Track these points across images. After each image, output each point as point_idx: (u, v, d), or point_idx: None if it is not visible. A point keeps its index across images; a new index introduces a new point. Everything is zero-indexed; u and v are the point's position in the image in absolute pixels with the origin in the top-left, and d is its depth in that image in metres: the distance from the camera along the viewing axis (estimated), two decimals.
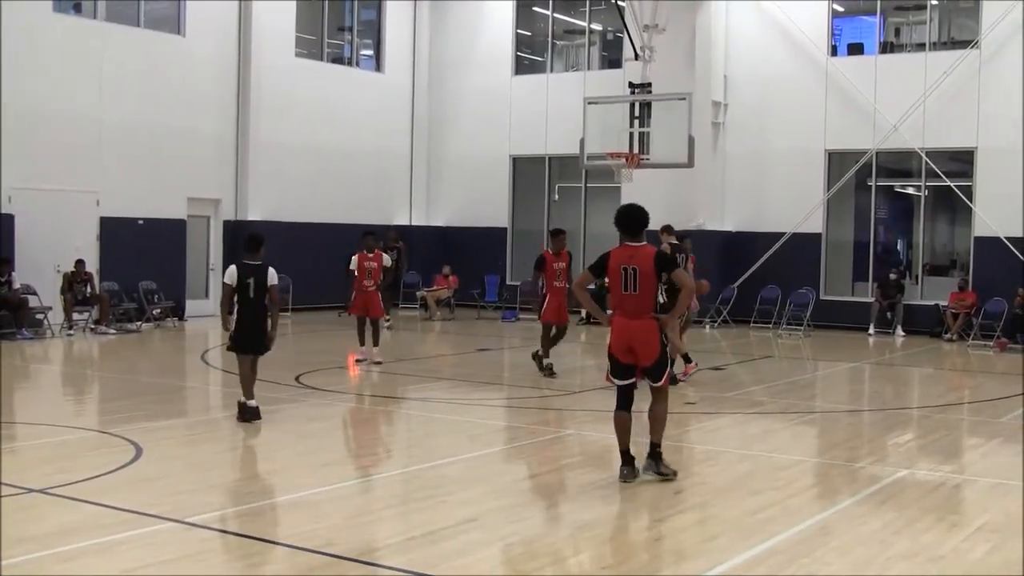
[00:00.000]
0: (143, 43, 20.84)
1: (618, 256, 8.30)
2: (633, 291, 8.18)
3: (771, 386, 14.04)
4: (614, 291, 8.33)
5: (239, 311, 10.51)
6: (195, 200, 21.85)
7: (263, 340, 10.62)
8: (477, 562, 6.21)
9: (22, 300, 17.98)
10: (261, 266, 10.50)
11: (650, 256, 8.19)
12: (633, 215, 8.39)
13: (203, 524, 6.89)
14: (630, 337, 8.20)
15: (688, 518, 7.50)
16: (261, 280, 10.44)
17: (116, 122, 20.15)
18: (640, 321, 8.19)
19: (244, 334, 10.55)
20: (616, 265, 8.26)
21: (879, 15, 22.20)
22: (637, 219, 8.38)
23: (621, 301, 8.29)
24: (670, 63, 20.90)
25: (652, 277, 8.18)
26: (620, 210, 8.54)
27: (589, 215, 25.01)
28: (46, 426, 10.29)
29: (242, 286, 10.41)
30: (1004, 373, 15.88)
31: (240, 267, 10.51)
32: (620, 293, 8.27)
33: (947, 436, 10.97)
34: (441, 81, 26.42)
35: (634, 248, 8.31)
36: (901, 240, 24.13)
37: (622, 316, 8.27)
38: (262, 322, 10.57)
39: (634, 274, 8.16)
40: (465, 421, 11.36)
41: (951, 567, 6.27)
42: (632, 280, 8.18)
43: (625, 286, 8.21)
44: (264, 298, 10.49)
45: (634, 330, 8.19)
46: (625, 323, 8.24)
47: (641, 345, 8.18)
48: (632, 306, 8.22)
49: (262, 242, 10.70)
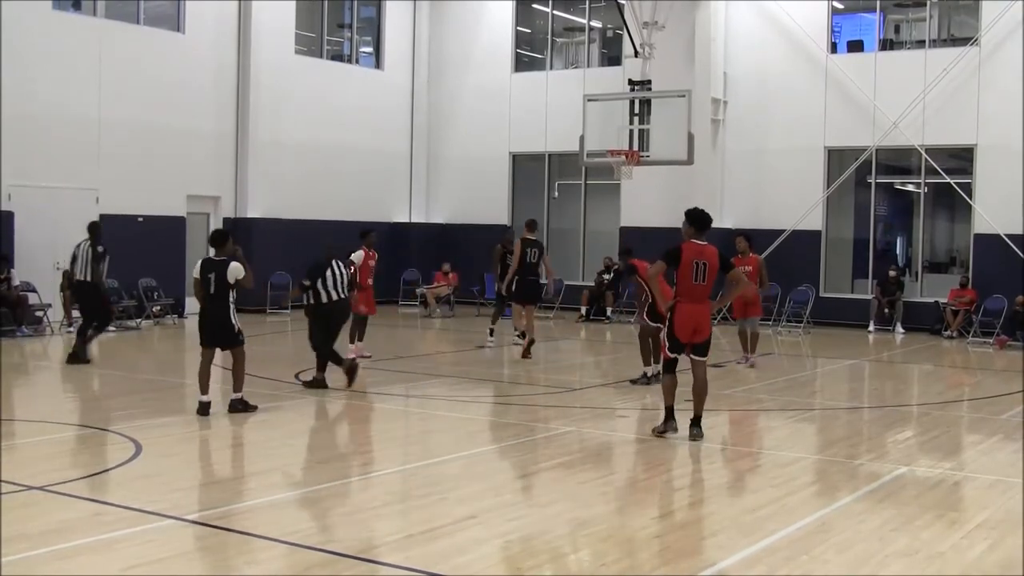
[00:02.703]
0: (142, 40, 20.83)
1: (690, 251, 9.73)
2: (701, 282, 9.69)
3: (771, 383, 14.04)
4: (685, 281, 9.74)
5: (201, 306, 10.87)
6: (194, 197, 21.84)
7: (225, 334, 10.85)
8: (476, 559, 6.21)
9: (21, 297, 17.98)
10: (223, 261, 10.75)
11: (715, 254, 9.80)
12: (706, 216, 9.89)
13: (202, 521, 6.90)
14: (696, 320, 9.69)
15: (687, 515, 7.50)
16: (222, 275, 10.67)
17: (115, 119, 20.14)
18: (703, 306, 9.78)
19: (205, 329, 10.91)
20: (689, 259, 9.68)
21: (879, 12, 22.19)
22: (708, 220, 9.88)
23: (691, 290, 9.70)
24: (670, 60, 20.89)
25: (716, 271, 9.74)
26: (694, 211, 9.93)
27: (589, 212, 25.01)
28: (45, 423, 10.29)
29: (204, 281, 10.71)
30: (1004, 370, 15.88)
31: (204, 262, 10.84)
32: (691, 283, 9.70)
33: (947, 433, 10.98)
34: (441, 78, 26.41)
35: (702, 245, 9.78)
36: (901, 237, 24.13)
37: (690, 302, 9.70)
38: (224, 317, 10.79)
39: (703, 267, 9.68)
40: (464, 418, 11.37)
41: (950, 564, 6.27)
42: (702, 272, 9.68)
43: (696, 277, 9.67)
44: (227, 294, 10.74)
45: (699, 314, 9.71)
46: (691, 308, 9.70)
47: (701, 327, 9.72)
48: (699, 294, 9.72)
49: (227, 238, 11.02)
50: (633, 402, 12.13)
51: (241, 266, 10.77)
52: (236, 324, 10.88)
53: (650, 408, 11.39)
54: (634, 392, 12.74)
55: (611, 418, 11.36)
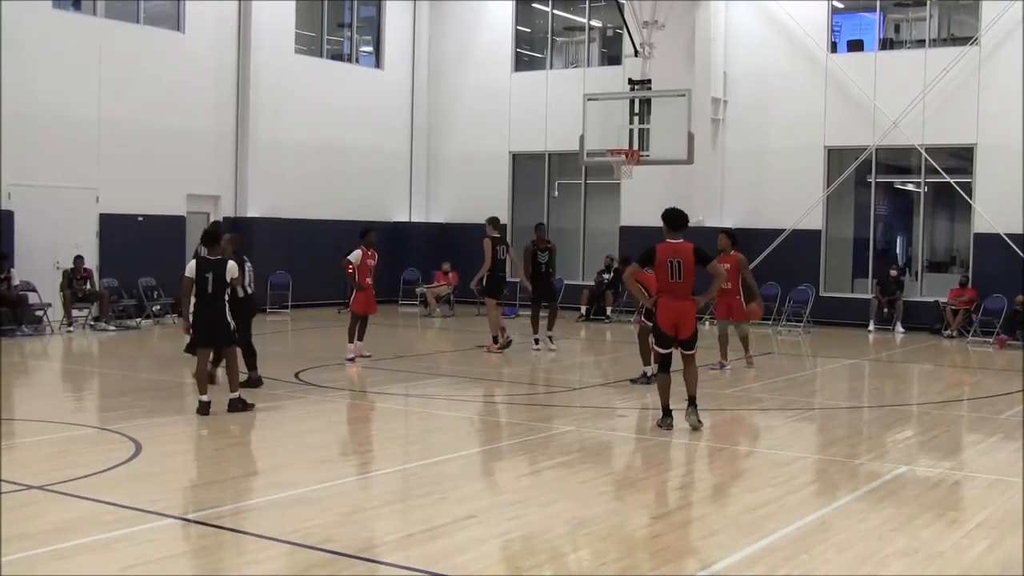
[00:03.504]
0: (142, 40, 20.83)
1: (663, 250, 10.04)
2: (678, 279, 9.98)
3: (770, 383, 14.04)
4: (661, 279, 10.05)
5: (196, 306, 10.78)
6: (194, 197, 21.84)
7: (222, 333, 10.86)
8: (476, 559, 6.21)
9: (21, 297, 17.98)
10: (221, 260, 10.76)
11: (690, 250, 10.04)
12: (681, 215, 10.24)
13: (202, 521, 6.89)
14: (676, 315, 10.00)
15: (687, 515, 7.50)
16: (220, 274, 10.68)
17: (115, 119, 20.14)
18: (683, 303, 10.05)
19: (202, 328, 10.86)
20: (663, 258, 10.00)
21: (879, 11, 22.18)
22: (682, 218, 10.22)
23: (669, 287, 10.01)
24: (670, 59, 20.90)
25: (693, 267, 9.99)
26: (668, 210, 10.29)
27: (589, 211, 25.01)
28: (45, 423, 10.29)
29: (201, 280, 10.68)
30: (1004, 370, 15.88)
31: (199, 261, 10.83)
32: (667, 281, 10.01)
33: (947, 432, 10.98)
34: (441, 77, 26.40)
35: (676, 243, 10.07)
36: (901, 237, 24.12)
37: (669, 299, 10.02)
38: (221, 316, 10.81)
39: (678, 265, 9.95)
40: (464, 417, 11.38)
41: (950, 564, 6.27)
42: (677, 270, 9.96)
43: (671, 275, 9.97)
44: (223, 293, 10.74)
45: (678, 310, 10.01)
46: (671, 304, 10.02)
47: (683, 322, 10.01)
48: (679, 291, 10.01)
49: (220, 236, 11.03)
50: (633, 402, 12.13)
51: (237, 265, 10.87)
52: (232, 323, 10.93)
53: (650, 408, 11.39)
54: (634, 392, 12.74)
55: (611, 418, 11.36)
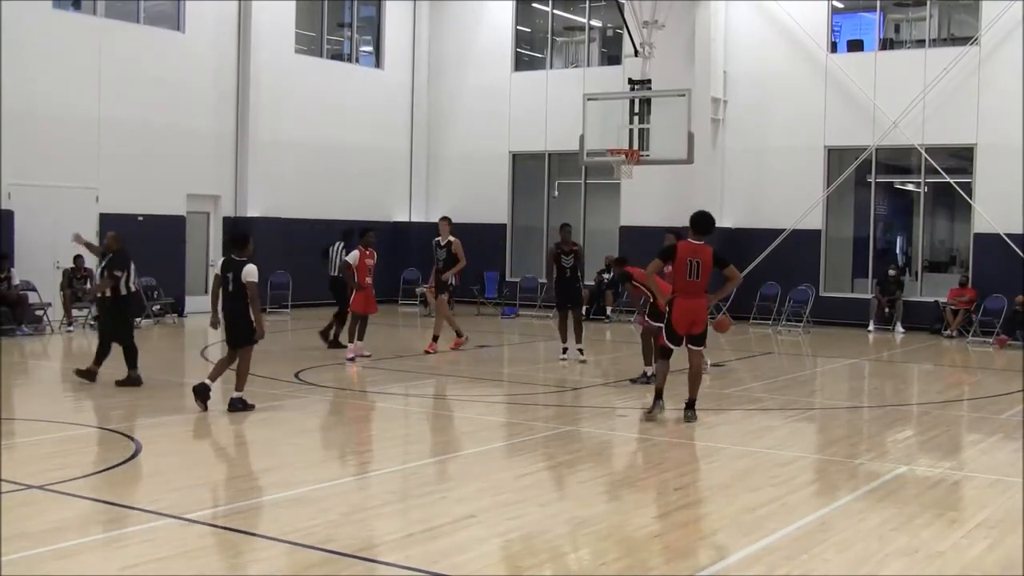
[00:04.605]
0: (142, 40, 20.83)
1: (684, 249, 10.39)
2: (695, 278, 10.35)
3: (770, 383, 14.04)
4: (679, 277, 10.42)
5: (221, 304, 11.09)
6: (194, 196, 21.84)
7: (240, 333, 11.02)
8: (476, 558, 6.21)
9: (21, 296, 17.98)
10: (242, 262, 10.94)
11: (710, 252, 10.44)
12: (709, 220, 10.58)
13: (202, 520, 6.89)
14: (693, 313, 10.40)
15: (687, 515, 7.50)
16: (238, 275, 10.87)
17: (115, 118, 20.14)
18: (699, 301, 10.46)
19: (224, 327, 11.17)
20: (683, 256, 10.34)
21: (879, 11, 22.18)
22: (710, 223, 10.55)
23: (686, 286, 10.38)
24: (670, 59, 20.89)
25: (710, 268, 10.41)
26: (698, 214, 10.64)
27: (589, 211, 25.00)
28: (45, 422, 10.29)
29: (224, 279, 10.98)
30: (1004, 370, 15.88)
31: (225, 261, 11.15)
32: (685, 280, 10.38)
33: (946, 432, 10.98)
34: (441, 77, 26.40)
35: (698, 244, 10.42)
36: (901, 237, 24.12)
37: (684, 299, 10.38)
38: (238, 316, 10.96)
39: (697, 265, 10.32)
40: (464, 417, 11.38)
41: (950, 563, 6.27)
42: (696, 270, 10.32)
43: (690, 274, 10.33)
44: (242, 294, 10.87)
45: (694, 308, 10.42)
46: (687, 304, 10.39)
47: (699, 319, 10.45)
48: (694, 290, 10.39)
49: (247, 240, 11.21)
50: (633, 401, 12.12)
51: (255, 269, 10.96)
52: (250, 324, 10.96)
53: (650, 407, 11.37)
54: (634, 391, 12.73)
55: (611, 417, 11.36)
